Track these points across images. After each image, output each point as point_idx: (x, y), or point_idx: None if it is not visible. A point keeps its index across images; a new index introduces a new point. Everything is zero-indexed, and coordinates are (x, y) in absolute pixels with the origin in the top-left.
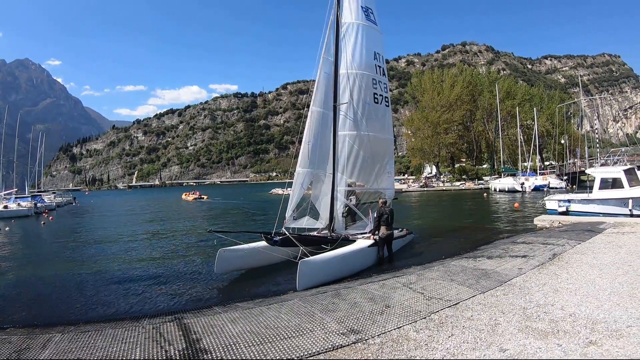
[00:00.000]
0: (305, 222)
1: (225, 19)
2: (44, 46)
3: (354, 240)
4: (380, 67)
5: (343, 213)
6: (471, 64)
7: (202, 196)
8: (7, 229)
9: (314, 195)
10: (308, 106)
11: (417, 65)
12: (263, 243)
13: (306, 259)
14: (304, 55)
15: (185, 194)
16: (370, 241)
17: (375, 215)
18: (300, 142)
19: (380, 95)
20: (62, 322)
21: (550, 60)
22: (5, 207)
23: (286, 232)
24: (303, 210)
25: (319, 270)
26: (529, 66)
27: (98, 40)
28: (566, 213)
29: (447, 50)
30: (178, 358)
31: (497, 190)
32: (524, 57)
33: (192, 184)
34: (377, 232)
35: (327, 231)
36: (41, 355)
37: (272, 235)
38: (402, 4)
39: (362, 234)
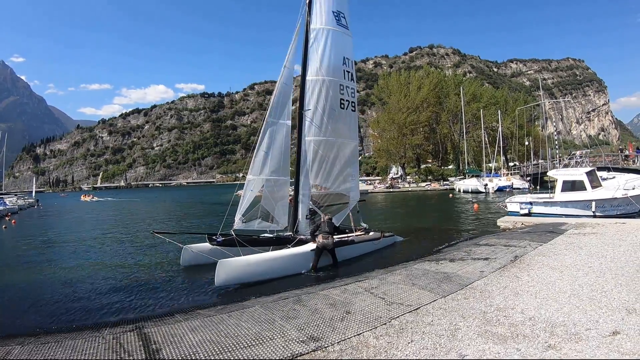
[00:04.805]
0: (257, 225)
1: (192, 18)
2: (7, 42)
3: (308, 242)
4: (349, 72)
5: (307, 215)
6: (438, 67)
7: (95, 197)
8: None
9: (267, 200)
10: None
11: (385, 67)
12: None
13: (224, 259)
14: (272, 55)
15: (84, 196)
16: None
17: (313, 226)
18: (253, 151)
19: (347, 100)
20: (22, 333)
21: (516, 63)
22: None
23: (232, 234)
24: (253, 214)
25: (237, 270)
26: (495, 69)
27: (63, 37)
28: (528, 215)
29: (414, 52)
30: None
31: (462, 191)
32: (490, 60)
33: (158, 185)
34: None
35: (288, 233)
36: None
37: (216, 236)
38: (369, 6)
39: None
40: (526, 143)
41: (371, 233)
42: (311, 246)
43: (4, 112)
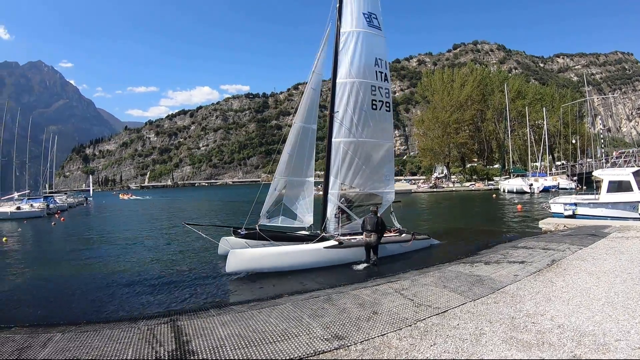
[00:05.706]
0: (280, 222)
1: (236, 19)
2: (56, 48)
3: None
4: (381, 72)
5: (336, 214)
6: (482, 63)
7: (133, 196)
8: (19, 229)
9: (289, 198)
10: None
11: (429, 65)
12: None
13: (236, 249)
14: (315, 53)
15: (122, 194)
16: (330, 243)
17: (362, 223)
18: (279, 153)
19: (380, 101)
20: (65, 321)
21: (563, 58)
22: (18, 208)
23: (256, 228)
24: (277, 211)
25: (247, 260)
26: (541, 65)
27: (110, 42)
28: (572, 217)
29: (458, 49)
30: (167, 358)
31: (506, 191)
32: (536, 55)
33: (204, 184)
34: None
35: (311, 231)
36: (40, 353)
37: (241, 229)
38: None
39: (351, 234)
40: (573, 141)
41: (403, 235)
42: (324, 244)
43: (54, 115)
